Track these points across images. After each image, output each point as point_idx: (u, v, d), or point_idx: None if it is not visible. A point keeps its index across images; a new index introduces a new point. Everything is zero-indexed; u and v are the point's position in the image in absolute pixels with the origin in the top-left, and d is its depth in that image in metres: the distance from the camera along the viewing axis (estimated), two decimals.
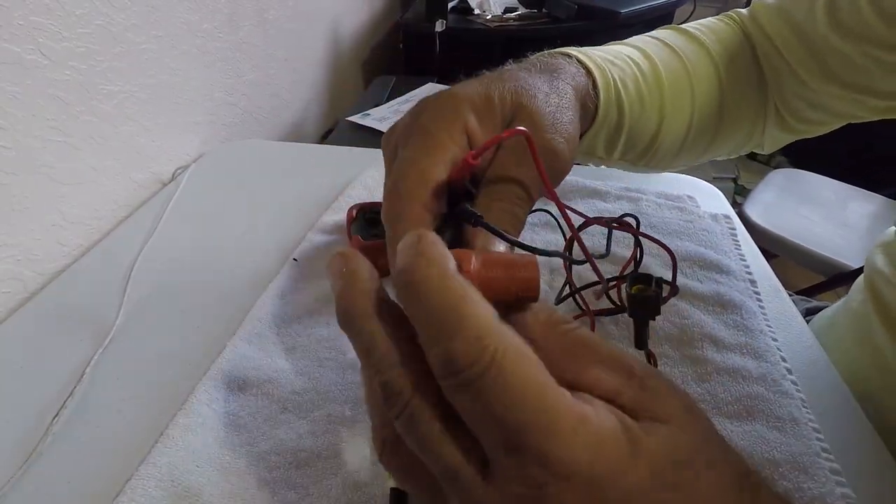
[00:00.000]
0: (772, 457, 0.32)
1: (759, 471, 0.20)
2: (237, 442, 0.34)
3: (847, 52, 0.40)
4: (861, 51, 0.40)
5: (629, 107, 0.38)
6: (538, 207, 0.51)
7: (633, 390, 0.18)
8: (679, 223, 0.53)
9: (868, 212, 1.39)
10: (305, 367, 0.39)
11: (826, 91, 0.43)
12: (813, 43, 0.42)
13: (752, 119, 0.47)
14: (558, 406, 0.16)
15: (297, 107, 1.00)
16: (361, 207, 0.51)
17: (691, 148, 0.45)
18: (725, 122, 0.45)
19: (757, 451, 0.32)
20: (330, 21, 1.10)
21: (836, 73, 0.42)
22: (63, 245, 0.52)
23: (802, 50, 0.43)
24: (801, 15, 0.42)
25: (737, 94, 0.44)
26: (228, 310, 0.44)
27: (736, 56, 0.44)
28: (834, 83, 0.42)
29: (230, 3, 0.73)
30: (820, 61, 0.42)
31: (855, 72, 0.41)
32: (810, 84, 0.43)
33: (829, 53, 0.41)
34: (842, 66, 0.41)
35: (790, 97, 0.45)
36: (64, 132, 0.50)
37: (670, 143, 0.43)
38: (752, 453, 0.32)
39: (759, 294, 0.46)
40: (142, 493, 0.30)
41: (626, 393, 0.18)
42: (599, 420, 0.17)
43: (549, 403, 0.16)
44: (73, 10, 0.49)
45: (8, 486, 0.32)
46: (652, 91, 0.40)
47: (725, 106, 0.44)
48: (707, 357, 0.39)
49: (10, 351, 0.42)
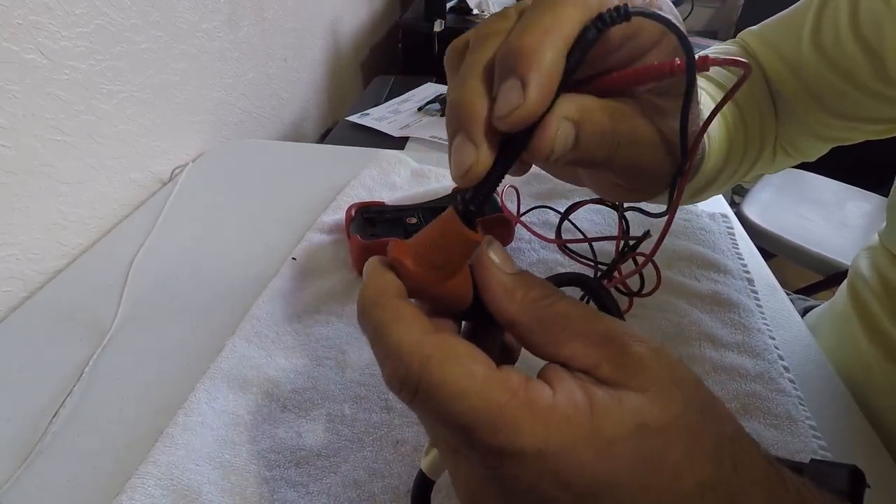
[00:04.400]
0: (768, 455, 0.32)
1: (748, 436, 0.19)
2: (237, 441, 0.34)
3: (835, 82, 0.39)
4: (847, 80, 0.39)
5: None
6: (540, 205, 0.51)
7: (611, 362, 0.18)
8: (677, 222, 0.53)
9: (866, 211, 1.40)
10: (305, 366, 0.39)
11: (820, 121, 0.42)
12: (802, 75, 0.41)
13: (760, 149, 0.44)
14: (499, 400, 0.16)
15: (296, 106, 1.00)
16: (360, 207, 0.51)
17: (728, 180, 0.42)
18: (750, 153, 0.42)
19: None
20: (329, 21, 1.10)
21: (827, 104, 0.41)
22: (63, 244, 0.52)
23: (793, 81, 0.41)
24: (789, 48, 0.41)
25: (765, 124, 0.43)
26: (228, 309, 0.44)
27: (759, 87, 0.42)
28: (825, 113, 0.41)
29: (229, 3, 0.73)
30: (811, 93, 0.41)
31: (844, 102, 0.40)
32: (803, 115, 0.42)
33: (818, 85, 0.40)
34: (832, 96, 0.40)
35: (784, 127, 0.44)
36: (63, 131, 0.50)
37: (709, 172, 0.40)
38: None
39: (757, 293, 0.46)
40: (142, 492, 0.30)
41: (603, 365, 0.18)
42: (556, 401, 0.17)
43: (489, 400, 0.16)
44: (72, 9, 0.49)
45: (8, 486, 0.32)
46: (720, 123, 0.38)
47: (764, 136, 0.42)
48: (705, 355, 0.40)
49: (9, 350, 0.42)
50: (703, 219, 0.54)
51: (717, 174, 0.38)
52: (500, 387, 0.17)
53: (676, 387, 0.18)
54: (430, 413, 0.17)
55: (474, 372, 0.17)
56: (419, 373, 0.17)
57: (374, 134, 0.88)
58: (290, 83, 0.96)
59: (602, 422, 0.17)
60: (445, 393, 0.16)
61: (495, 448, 0.16)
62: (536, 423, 0.16)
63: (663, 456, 0.17)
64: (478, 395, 0.16)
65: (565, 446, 0.16)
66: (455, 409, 0.16)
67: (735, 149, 0.39)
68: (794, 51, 0.41)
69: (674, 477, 0.17)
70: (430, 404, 0.17)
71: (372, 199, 0.55)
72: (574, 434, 0.16)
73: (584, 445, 0.16)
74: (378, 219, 0.50)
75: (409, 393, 0.17)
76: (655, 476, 0.17)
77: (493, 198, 0.50)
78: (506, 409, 0.16)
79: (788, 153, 0.45)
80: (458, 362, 0.17)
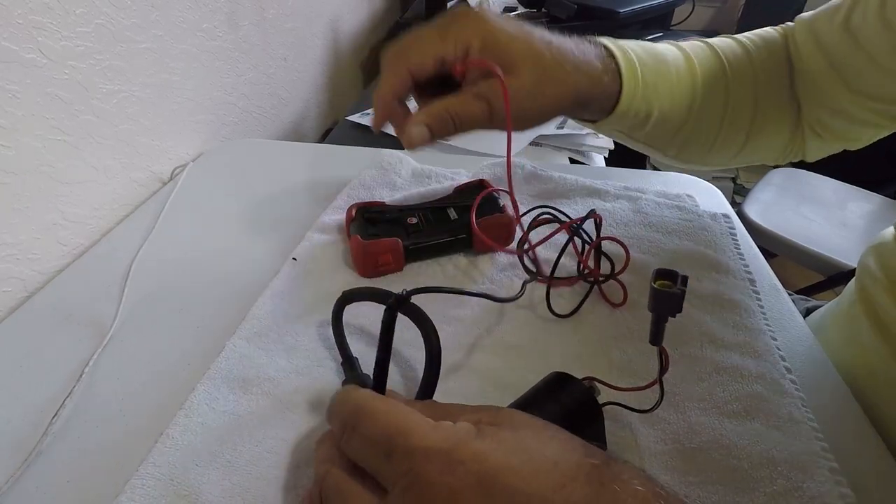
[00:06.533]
0: (770, 456, 0.32)
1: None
2: (237, 441, 0.34)
3: (857, 59, 0.43)
4: (869, 58, 0.43)
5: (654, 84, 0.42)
6: (541, 205, 0.51)
7: (490, 418, 0.25)
8: (678, 222, 0.53)
9: (867, 211, 1.39)
10: (305, 367, 0.39)
11: (843, 98, 0.46)
12: (829, 53, 0.46)
13: (791, 127, 0.49)
14: (415, 417, 0.24)
15: (297, 106, 1.00)
16: (361, 207, 0.51)
17: (725, 144, 0.48)
18: (758, 122, 0.47)
19: (756, 451, 0.32)
20: (330, 21, 1.10)
21: (850, 80, 0.45)
22: (63, 244, 0.52)
23: (821, 58, 0.46)
24: (824, 30, 0.46)
25: (772, 96, 0.47)
26: (228, 309, 0.44)
27: (775, 61, 0.48)
28: (847, 90, 0.45)
29: (229, 3, 0.73)
30: (835, 68, 0.45)
31: (865, 79, 0.44)
32: (829, 92, 0.46)
33: (842, 62, 0.45)
34: (854, 73, 0.44)
35: (814, 106, 0.48)
36: (63, 131, 0.50)
37: (704, 132, 0.46)
38: (751, 452, 0.32)
39: (759, 293, 0.46)
40: (142, 492, 0.30)
41: (485, 419, 0.24)
42: (455, 424, 0.24)
43: (407, 417, 0.24)
44: (72, 8, 0.48)
45: (8, 486, 0.32)
46: (682, 75, 0.44)
47: (759, 105, 0.47)
48: (706, 356, 0.39)
49: (9, 350, 0.42)
50: (705, 219, 0.54)
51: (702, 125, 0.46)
52: (414, 414, 0.24)
53: (536, 423, 0.25)
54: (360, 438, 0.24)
55: (400, 406, 0.25)
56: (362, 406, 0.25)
57: (375, 134, 0.88)
58: (291, 83, 0.96)
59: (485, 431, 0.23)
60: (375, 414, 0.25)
61: (407, 448, 0.22)
62: (437, 431, 0.23)
63: (540, 449, 0.22)
64: (398, 415, 0.24)
65: (459, 441, 0.22)
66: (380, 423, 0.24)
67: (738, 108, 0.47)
68: (827, 32, 0.46)
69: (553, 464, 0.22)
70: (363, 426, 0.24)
71: (372, 199, 0.54)
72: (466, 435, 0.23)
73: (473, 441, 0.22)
74: (379, 219, 0.50)
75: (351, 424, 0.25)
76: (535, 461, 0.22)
77: (493, 197, 0.50)
78: (416, 423, 0.23)
79: (819, 134, 0.49)
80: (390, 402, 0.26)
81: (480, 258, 0.49)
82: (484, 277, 0.47)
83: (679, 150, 0.49)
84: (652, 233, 0.52)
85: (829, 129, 0.49)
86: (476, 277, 0.48)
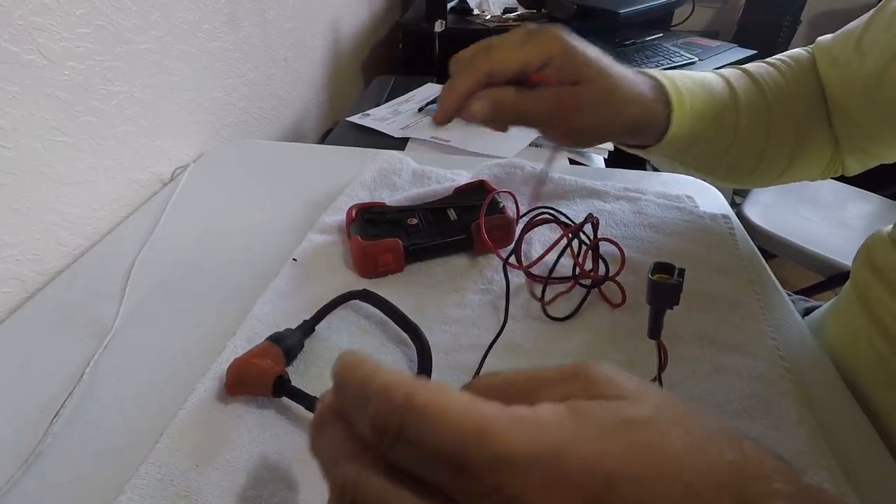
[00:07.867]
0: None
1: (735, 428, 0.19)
2: (237, 441, 0.34)
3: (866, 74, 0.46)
4: (875, 71, 0.44)
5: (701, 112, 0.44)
6: (541, 206, 0.51)
7: (583, 391, 0.19)
8: (678, 223, 0.53)
9: (867, 212, 1.39)
10: (306, 367, 0.39)
11: (864, 116, 0.47)
12: (843, 71, 0.48)
13: (832, 144, 0.51)
14: (484, 412, 0.16)
15: (297, 107, 1.00)
16: (361, 207, 0.51)
17: (770, 166, 0.50)
18: (800, 142, 0.49)
19: None
20: (330, 21, 1.10)
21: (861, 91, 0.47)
22: (63, 245, 0.52)
23: (834, 73, 0.49)
24: (840, 50, 0.49)
25: (811, 116, 0.49)
26: (228, 309, 0.44)
27: (811, 85, 0.50)
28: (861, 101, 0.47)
29: (230, 4, 0.73)
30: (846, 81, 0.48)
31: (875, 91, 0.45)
32: (850, 111, 0.48)
33: (852, 76, 0.47)
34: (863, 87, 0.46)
35: (843, 128, 0.50)
36: (63, 132, 0.50)
37: (748, 156, 0.49)
38: None
39: (758, 294, 0.46)
40: (142, 493, 0.30)
41: (578, 395, 0.18)
42: (537, 412, 0.17)
43: (474, 413, 0.16)
44: (72, 9, 0.49)
45: (8, 486, 0.32)
46: (726, 101, 0.47)
47: (800, 125, 0.49)
48: (706, 356, 0.39)
49: (10, 351, 0.42)
50: (705, 219, 0.54)
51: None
52: (483, 404, 0.17)
53: (646, 387, 0.19)
54: (414, 447, 0.17)
55: (456, 395, 0.17)
56: (404, 402, 0.17)
57: (375, 134, 0.88)
58: (291, 83, 0.96)
59: (586, 419, 0.17)
60: (430, 414, 0.16)
61: (488, 460, 0.16)
62: (524, 428, 0.16)
63: (662, 447, 0.17)
64: (463, 410, 0.16)
65: (558, 445, 0.16)
66: (441, 428, 0.16)
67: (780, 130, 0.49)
68: (843, 53, 0.48)
69: (680, 466, 0.17)
70: (414, 432, 0.16)
71: (372, 200, 0.54)
72: (564, 431, 0.16)
73: (576, 442, 0.16)
74: (379, 219, 0.50)
75: (396, 428, 0.17)
76: (658, 465, 0.17)
77: (493, 198, 0.50)
78: (491, 420, 0.16)
79: (866, 151, 0.50)
80: (440, 390, 0.17)
81: (480, 259, 0.49)
82: (483, 278, 0.47)
83: (727, 172, 0.51)
84: (652, 234, 0.52)
85: (860, 146, 0.50)
86: (476, 278, 0.48)
